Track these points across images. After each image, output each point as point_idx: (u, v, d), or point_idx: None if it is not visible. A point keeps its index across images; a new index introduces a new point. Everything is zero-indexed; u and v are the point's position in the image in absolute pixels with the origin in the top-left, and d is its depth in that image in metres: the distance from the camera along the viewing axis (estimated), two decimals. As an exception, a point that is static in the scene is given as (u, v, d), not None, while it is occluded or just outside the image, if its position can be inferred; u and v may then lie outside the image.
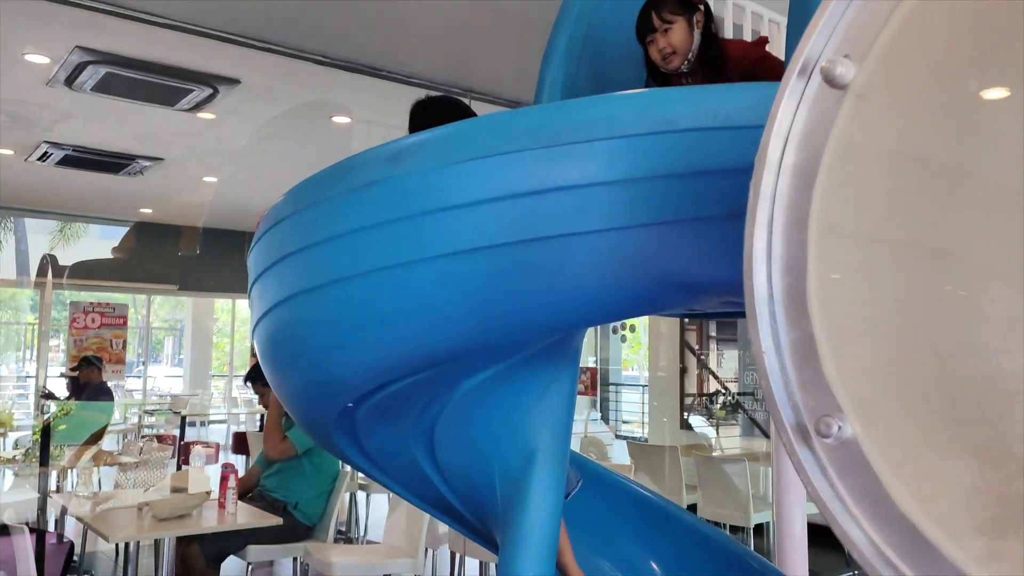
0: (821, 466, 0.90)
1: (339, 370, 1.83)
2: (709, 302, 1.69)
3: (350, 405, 2.02)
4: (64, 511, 4.13)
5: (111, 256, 9.98)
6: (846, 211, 0.96)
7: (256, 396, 4.34)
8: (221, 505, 3.16)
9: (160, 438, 6.12)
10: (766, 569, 2.43)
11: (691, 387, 7.56)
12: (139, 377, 13.36)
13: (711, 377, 7.69)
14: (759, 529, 5.19)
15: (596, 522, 2.60)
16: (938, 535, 0.82)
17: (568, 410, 2.23)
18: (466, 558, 4.12)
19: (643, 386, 9.82)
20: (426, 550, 3.78)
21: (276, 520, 3.15)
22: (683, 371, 7.28)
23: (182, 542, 3.57)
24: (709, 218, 1.45)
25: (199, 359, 13.04)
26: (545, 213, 1.46)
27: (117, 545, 5.08)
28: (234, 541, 3.59)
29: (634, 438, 6.83)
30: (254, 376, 4.25)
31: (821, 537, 4.84)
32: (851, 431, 0.89)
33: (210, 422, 11.06)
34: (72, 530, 4.50)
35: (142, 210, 9.24)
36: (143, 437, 7.00)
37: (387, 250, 1.57)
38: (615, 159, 1.45)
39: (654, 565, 2.49)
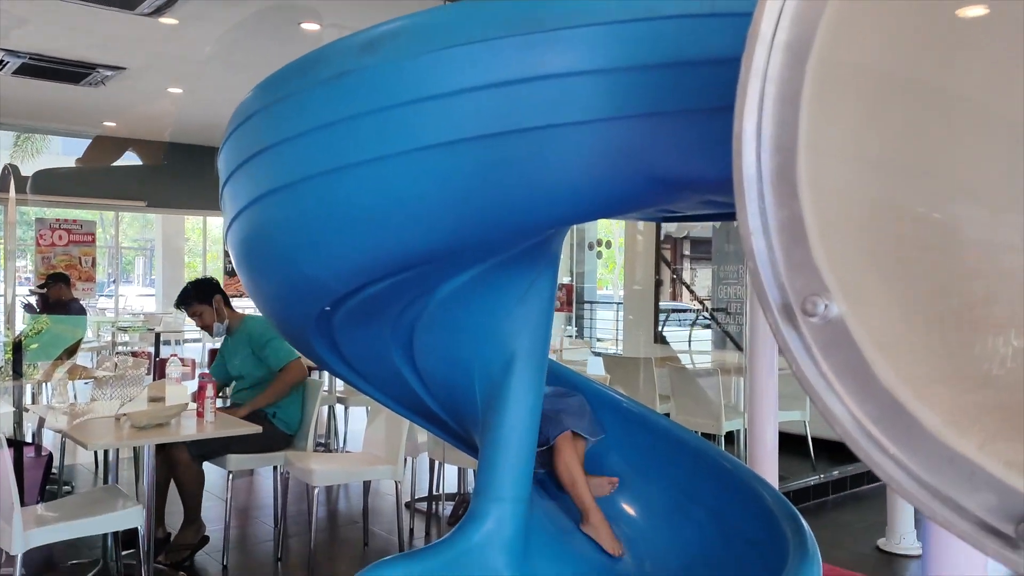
0: (806, 345, 0.89)
1: (315, 272, 1.80)
2: (691, 199, 1.66)
3: (327, 308, 2.00)
4: (41, 423, 4.13)
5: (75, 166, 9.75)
6: (839, 89, 0.94)
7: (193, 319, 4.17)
8: (199, 414, 3.17)
9: (135, 355, 6.09)
10: (738, 469, 2.48)
11: (666, 301, 7.64)
12: (111, 297, 13.23)
13: (685, 291, 7.76)
14: (729, 437, 5.33)
15: (573, 425, 2.63)
16: (919, 408, 0.82)
17: (547, 314, 2.23)
18: (445, 465, 4.20)
19: (618, 304, 9.91)
20: (405, 458, 3.84)
21: (255, 428, 3.17)
22: (658, 284, 7.33)
23: (165, 446, 3.63)
24: (694, 111, 1.41)
25: (171, 279, 12.88)
26: (525, 104, 1.42)
27: (96, 456, 5.11)
28: (216, 445, 3.63)
29: (609, 355, 6.91)
30: (185, 299, 4.09)
31: (789, 445, 5.00)
32: (837, 310, 0.89)
33: (185, 341, 11.03)
34: (49, 443, 4.51)
35: (105, 123, 8.96)
36: (117, 354, 6.96)
37: (361, 144, 1.52)
38: (598, 47, 1.40)
39: (624, 464, 2.54)
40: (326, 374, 5.67)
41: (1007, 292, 0.85)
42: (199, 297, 4.01)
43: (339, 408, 6.08)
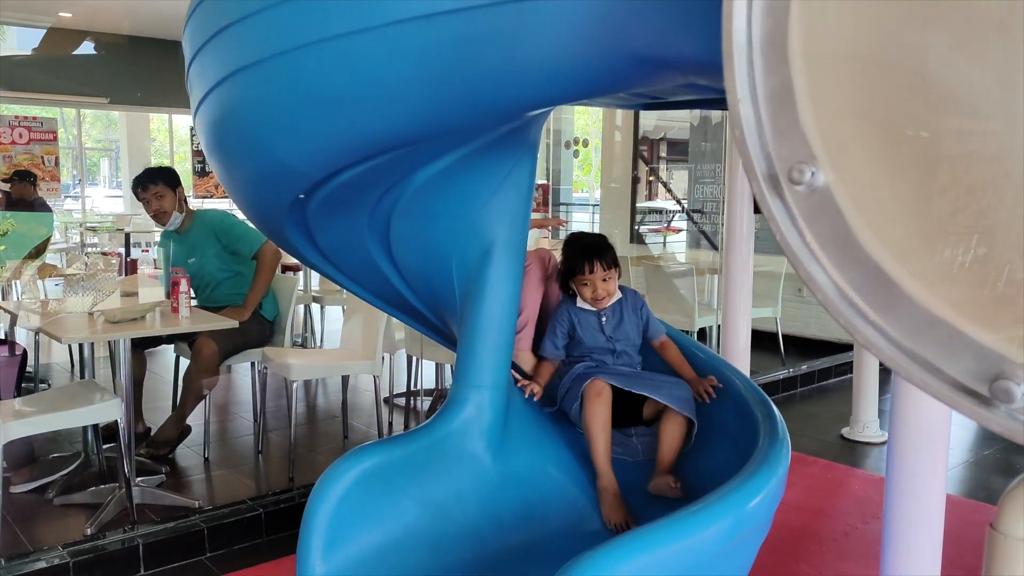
0: (791, 214, 0.89)
1: (288, 156, 1.76)
2: (673, 82, 1.62)
3: (301, 196, 1.96)
4: (13, 321, 4.08)
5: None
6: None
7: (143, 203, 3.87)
8: (174, 310, 3.15)
9: (105, 255, 6.00)
10: (711, 359, 2.53)
11: (642, 202, 7.61)
12: (77, 199, 12.93)
13: (661, 191, 7.72)
14: (702, 333, 5.43)
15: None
16: (902, 275, 0.83)
17: (525, 203, 2.20)
18: (423, 360, 4.25)
19: (594, 206, 9.86)
20: (383, 355, 3.87)
21: (231, 322, 3.16)
22: (635, 181, 7.28)
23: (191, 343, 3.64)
24: (678, -15, 1.36)
25: (138, 179, 12.57)
26: (505, -26, 1.36)
27: (71, 354, 5.10)
28: (231, 343, 3.64)
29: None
30: (151, 176, 3.80)
31: (761, 341, 5.10)
32: (823, 179, 0.88)
33: (156, 243, 10.87)
34: (22, 342, 4.48)
35: (61, 14, 8.54)
36: (87, 254, 6.85)
37: (332, 18, 1.45)
38: (580, -87, 1.33)
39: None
40: (301, 272, 5.64)
41: (991, 157, 0.84)
42: (165, 179, 3.77)
43: (315, 307, 6.08)
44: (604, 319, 2.36)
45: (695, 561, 1.63)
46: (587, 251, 2.33)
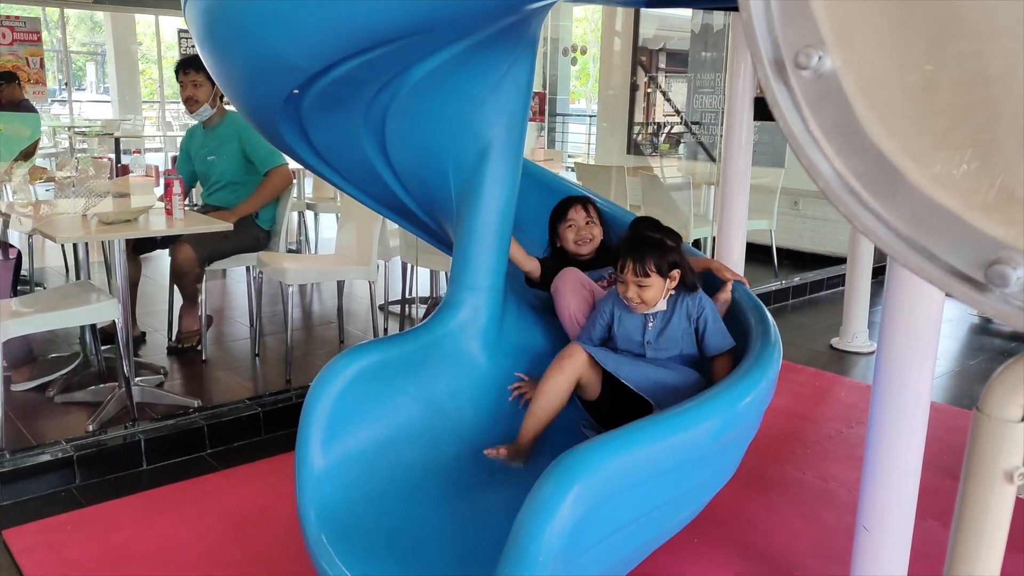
0: (795, 101, 0.88)
1: (281, 47, 1.71)
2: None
3: (295, 91, 1.92)
4: (6, 223, 4.06)
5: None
6: None
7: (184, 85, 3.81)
8: (168, 212, 3.12)
9: (96, 159, 5.91)
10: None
11: (640, 117, 7.49)
12: (64, 104, 12.66)
13: (660, 100, 7.59)
14: (696, 244, 5.44)
15: (544, 222, 2.65)
16: (905, 162, 0.82)
17: (523, 103, 2.16)
18: (417, 268, 4.26)
19: (591, 117, 9.71)
20: (378, 262, 3.87)
21: (225, 225, 3.15)
22: (634, 87, 7.16)
23: (170, 248, 3.68)
24: None
25: (126, 84, 12.27)
26: None
27: (65, 258, 5.10)
28: (215, 247, 3.66)
29: (581, 163, 6.84)
30: (194, 63, 3.73)
31: (754, 253, 5.12)
32: (830, 64, 0.86)
33: (145, 149, 10.71)
34: (15, 244, 4.46)
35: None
36: (77, 158, 6.75)
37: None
38: None
39: (601, 262, 2.58)
40: (295, 179, 5.57)
41: (999, 49, 0.82)
42: (208, 72, 3.76)
43: (309, 215, 6.05)
44: (650, 324, 2.11)
45: (686, 456, 1.68)
46: (628, 248, 2.06)
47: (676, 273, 2.07)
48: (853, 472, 2.70)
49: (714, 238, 5.03)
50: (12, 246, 3.96)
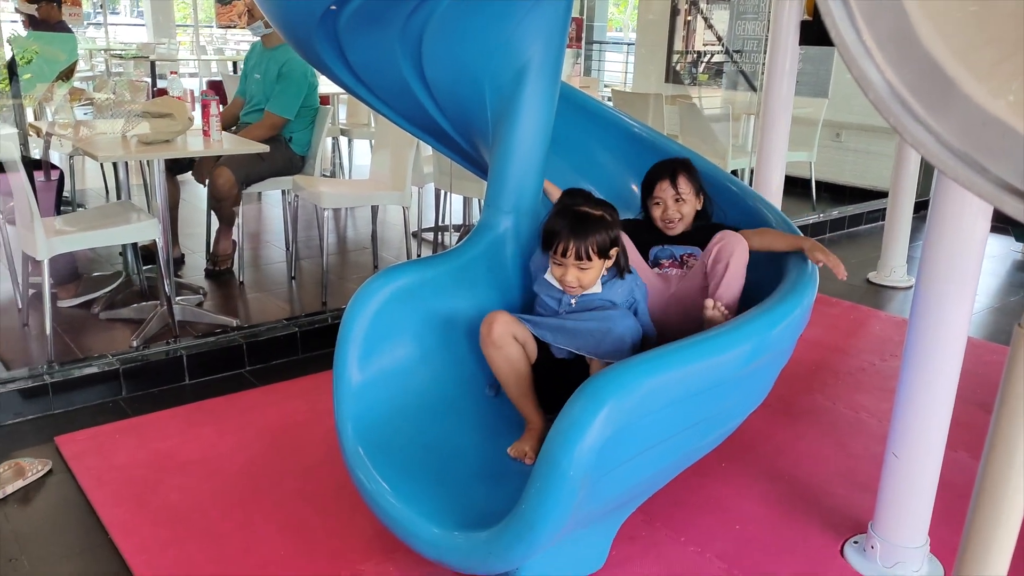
0: (849, 11, 0.85)
1: (319, -39, 1.69)
2: None
3: (332, 7, 1.90)
4: (47, 144, 4.11)
5: None
6: None
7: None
8: (206, 133, 3.14)
9: (133, 82, 5.92)
10: (744, 192, 2.51)
11: (679, 45, 7.29)
12: (99, 27, 12.62)
13: (701, 27, 7.36)
14: (733, 175, 5.35)
15: (580, 147, 2.62)
16: (959, 72, 0.80)
17: (562, 24, 2.12)
18: (451, 195, 4.25)
19: (628, 44, 9.46)
20: (412, 189, 3.87)
21: (262, 147, 3.16)
22: (674, 13, 6.96)
23: (203, 170, 3.71)
24: None
25: (160, 8, 12.20)
26: None
27: (105, 179, 5.17)
28: (249, 169, 3.69)
29: (618, 90, 6.70)
30: None
31: (793, 186, 5.04)
32: (887, -30, 0.83)
33: (180, 73, 10.68)
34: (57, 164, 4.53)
35: None
36: (115, 81, 6.77)
37: None
38: None
39: (634, 187, 2.56)
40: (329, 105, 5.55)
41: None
42: None
43: (342, 140, 6.04)
44: (573, 301, 1.96)
45: (717, 380, 1.69)
46: (569, 227, 1.86)
47: (615, 252, 1.92)
48: (884, 403, 2.70)
49: (752, 170, 4.94)
50: (55, 167, 4.02)
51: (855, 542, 1.96)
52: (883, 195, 5.29)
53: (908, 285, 4.01)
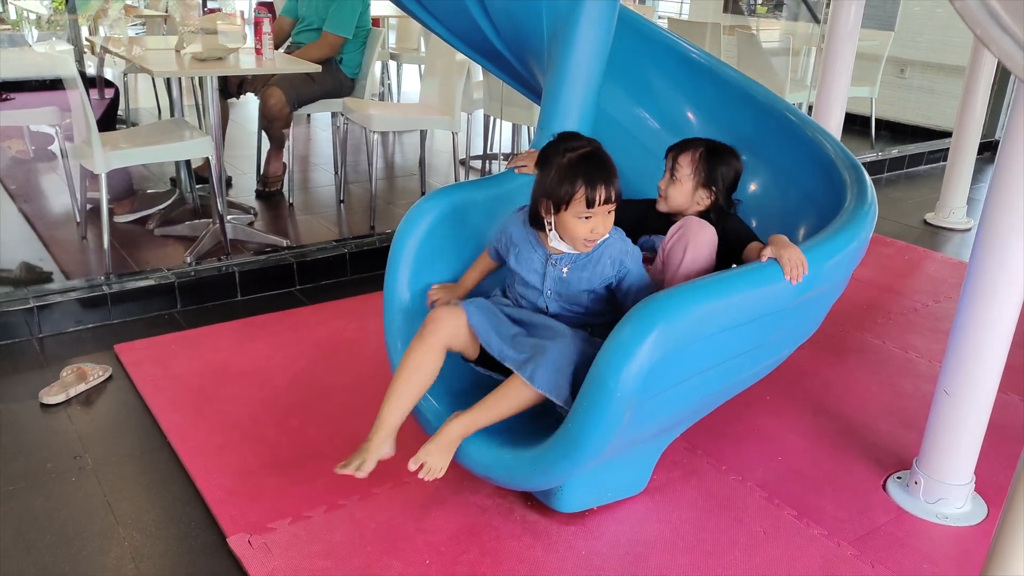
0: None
1: None
2: None
3: (390, -82, 1.85)
4: (101, 62, 4.16)
5: None
6: None
7: None
8: (258, 52, 3.14)
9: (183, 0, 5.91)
10: (804, 122, 2.44)
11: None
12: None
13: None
14: (791, 111, 5.20)
15: (636, 72, 2.56)
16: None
17: (622, -60, 2.05)
18: (500, 122, 4.21)
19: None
20: (461, 115, 3.83)
21: (315, 67, 3.15)
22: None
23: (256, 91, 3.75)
24: None
25: (210, -74, 12.09)
26: None
27: (158, 100, 5.22)
28: (306, 91, 3.69)
29: (674, 17, 6.50)
30: None
31: (852, 123, 4.88)
32: None
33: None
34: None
35: None
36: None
37: None
38: None
39: (690, 114, 2.50)
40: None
41: None
42: None
43: (392, 65, 5.98)
44: (564, 268, 1.71)
45: (767, 310, 1.67)
46: (586, 171, 1.59)
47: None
48: (936, 344, 2.66)
49: (811, 106, 4.78)
50: (111, 84, 4.06)
51: (898, 478, 1.95)
52: (945, 135, 5.11)
53: (967, 227, 3.90)
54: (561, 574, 1.59)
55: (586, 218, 1.61)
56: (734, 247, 1.87)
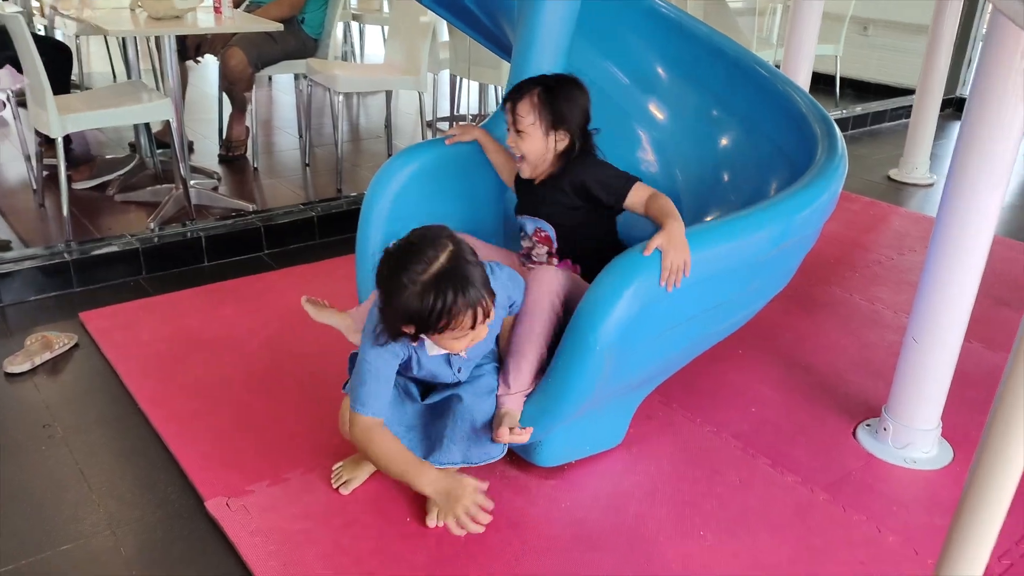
0: None
1: None
2: None
3: None
4: (52, 19, 4.00)
5: None
6: None
7: None
8: (217, 10, 3.04)
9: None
10: (775, 76, 2.44)
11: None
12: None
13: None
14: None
15: (605, 26, 2.53)
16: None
17: None
18: (468, 83, 4.15)
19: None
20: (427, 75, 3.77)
21: (276, 26, 3.06)
22: None
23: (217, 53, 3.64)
24: None
25: None
26: None
27: (112, 65, 5.06)
28: (268, 51, 3.60)
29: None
30: None
31: (816, 81, 4.89)
32: None
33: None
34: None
35: None
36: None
37: None
38: None
39: (660, 69, 2.49)
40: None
41: None
42: None
43: (354, 26, 5.86)
44: (461, 354, 1.58)
45: (742, 261, 1.68)
46: (447, 291, 1.37)
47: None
48: (901, 295, 2.70)
49: (777, 64, 4.79)
50: (63, 46, 3.91)
51: (868, 424, 2.00)
52: (908, 92, 5.15)
53: (930, 183, 3.96)
54: (545, 527, 1.61)
55: (455, 339, 1.44)
56: (604, 199, 1.77)
